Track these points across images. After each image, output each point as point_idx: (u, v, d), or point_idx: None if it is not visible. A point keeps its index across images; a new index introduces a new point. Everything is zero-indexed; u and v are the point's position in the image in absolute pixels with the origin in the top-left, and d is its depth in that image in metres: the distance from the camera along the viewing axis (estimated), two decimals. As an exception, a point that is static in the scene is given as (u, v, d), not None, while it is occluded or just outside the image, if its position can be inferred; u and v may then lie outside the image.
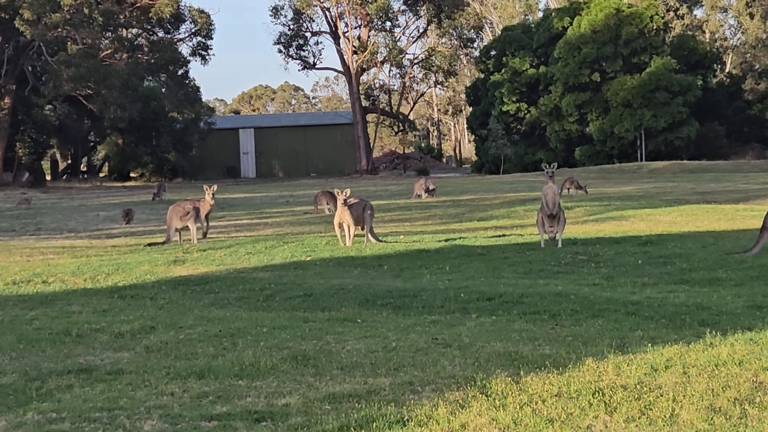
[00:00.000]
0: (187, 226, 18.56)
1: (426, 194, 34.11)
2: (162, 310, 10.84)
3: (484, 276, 12.86)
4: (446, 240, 17.54)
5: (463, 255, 14.86)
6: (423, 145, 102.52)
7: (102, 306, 11.14)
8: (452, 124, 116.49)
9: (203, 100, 79.73)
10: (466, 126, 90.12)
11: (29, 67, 56.71)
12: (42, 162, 72.25)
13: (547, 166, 16.39)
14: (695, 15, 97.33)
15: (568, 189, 32.74)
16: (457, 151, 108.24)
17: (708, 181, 40.00)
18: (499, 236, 18.20)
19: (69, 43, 53.74)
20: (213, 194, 18.89)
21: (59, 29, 52.54)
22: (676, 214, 23.28)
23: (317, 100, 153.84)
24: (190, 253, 16.12)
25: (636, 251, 14.78)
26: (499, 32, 78.21)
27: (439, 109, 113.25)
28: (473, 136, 77.92)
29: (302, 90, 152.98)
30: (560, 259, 14.15)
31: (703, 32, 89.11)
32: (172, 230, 18.57)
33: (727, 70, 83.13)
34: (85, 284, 13.18)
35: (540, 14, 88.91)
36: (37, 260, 16.08)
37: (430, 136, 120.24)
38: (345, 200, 16.71)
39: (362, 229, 17.25)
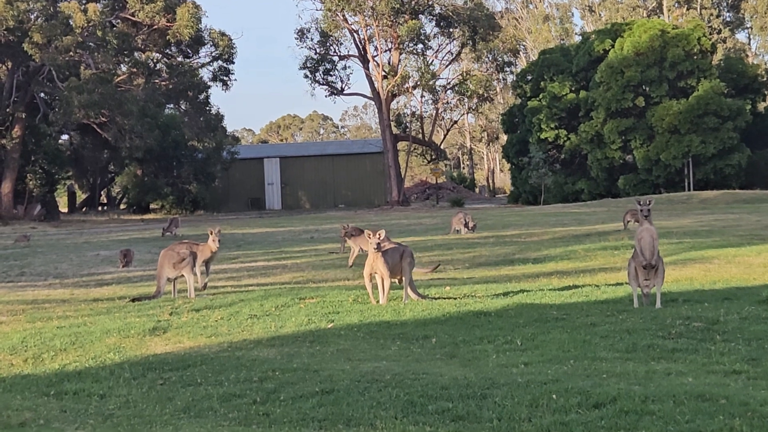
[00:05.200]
0: (182, 275, 14.95)
1: (466, 230, 30.72)
2: (108, 421, 7.25)
3: (572, 356, 9.20)
4: (505, 293, 13.92)
5: (534, 320, 11.17)
6: (455, 174, 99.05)
7: (23, 413, 7.51)
8: (485, 152, 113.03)
9: (230, 130, 76.66)
10: (501, 154, 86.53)
11: (40, 94, 53.63)
12: (59, 194, 69.42)
13: (642, 202, 12.36)
14: (737, 38, 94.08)
15: (627, 222, 29.17)
16: (490, 181, 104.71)
17: (771, 212, 36.33)
18: (570, 288, 14.52)
19: (82, 67, 50.55)
20: (219, 239, 15.16)
21: (71, 53, 49.29)
22: (767, 254, 19.59)
23: (346, 129, 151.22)
24: (178, 314, 12.46)
25: (766, 315, 11.06)
26: (534, 58, 74.71)
27: (472, 137, 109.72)
28: (509, 165, 74.34)
29: (331, 119, 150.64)
30: (668, 327, 10.42)
31: (747, 56, 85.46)
32: (162, 281, 14.92)
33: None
34: (22, 367, 9.67)
35: (577, 38, 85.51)
36: (-19, 325, 12.53)
37: (461, 164, 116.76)
38: (378, 244, 13.04)
39: (399, 281, 13.54)
